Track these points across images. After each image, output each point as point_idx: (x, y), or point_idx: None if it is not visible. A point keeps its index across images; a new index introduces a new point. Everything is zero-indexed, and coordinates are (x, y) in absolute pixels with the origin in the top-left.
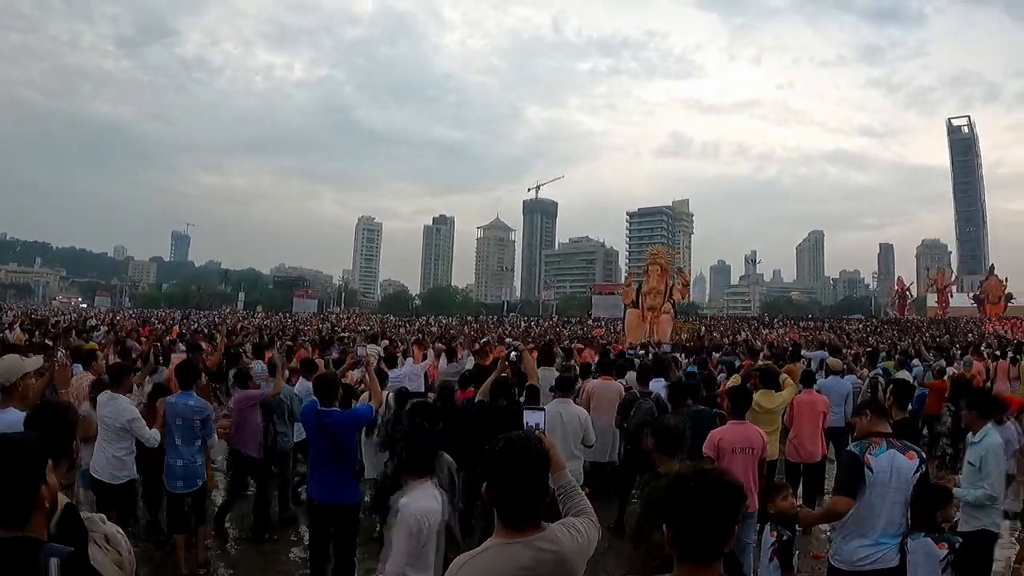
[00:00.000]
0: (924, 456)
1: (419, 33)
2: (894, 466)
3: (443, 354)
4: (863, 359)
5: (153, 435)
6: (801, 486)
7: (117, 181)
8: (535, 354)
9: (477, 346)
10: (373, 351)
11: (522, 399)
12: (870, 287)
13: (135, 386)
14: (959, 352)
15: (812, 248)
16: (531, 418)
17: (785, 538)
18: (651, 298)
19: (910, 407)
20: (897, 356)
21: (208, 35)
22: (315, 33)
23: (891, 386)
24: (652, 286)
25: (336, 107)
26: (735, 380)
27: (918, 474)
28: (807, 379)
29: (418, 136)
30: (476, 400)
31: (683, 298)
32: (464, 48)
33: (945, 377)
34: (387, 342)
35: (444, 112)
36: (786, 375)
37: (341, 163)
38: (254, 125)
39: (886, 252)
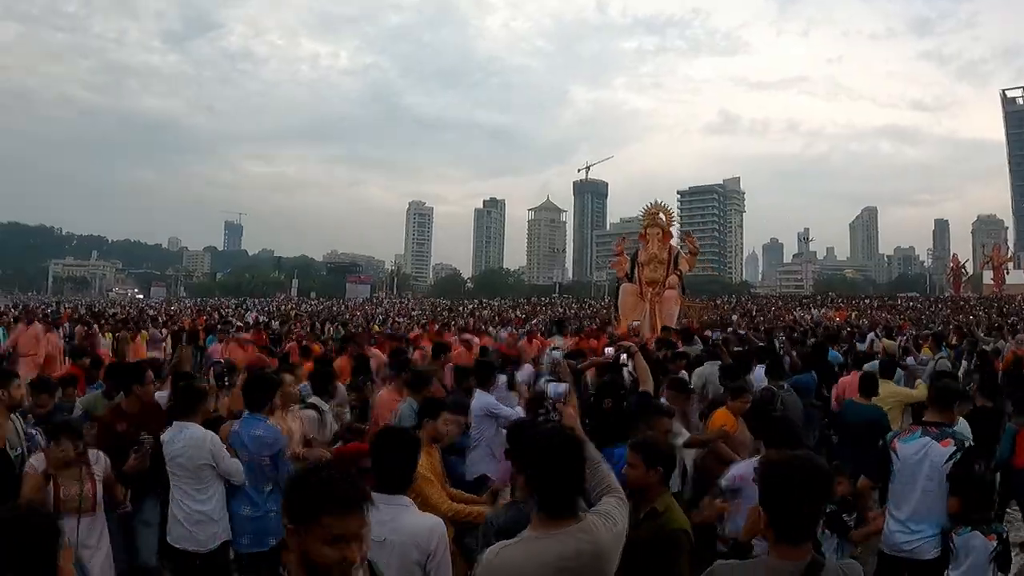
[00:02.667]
0: (965, 444)
1: (461, 17)
2: (926, 453)
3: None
4: (927, 340)
5: (236, 467)
6: None
7: (168, 174)
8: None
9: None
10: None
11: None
12: (925, 264)
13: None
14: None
15: (865, 225)
16: (554, 389)
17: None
18: (650, 269)
19: None
20: (967, 340)
21: (252, 27)
22: (359, 21)
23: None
24: (652, 254)
25: (382, 94)
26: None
27: (951, 462)
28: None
29: (464, 120)
30: None
31: (691, 268)
32: (507, 31)
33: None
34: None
35: (489, 96)
36: None
37: (389, 149)
38: (301, 114)
39: (941, 228)
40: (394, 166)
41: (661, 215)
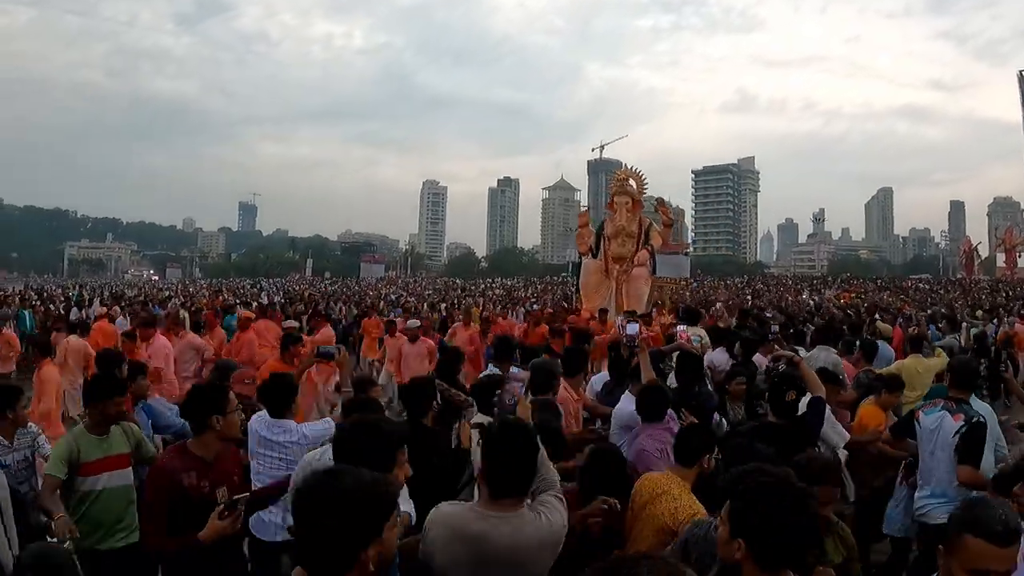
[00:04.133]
0: (976, 421)
1: None
2: (941, 425)
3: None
4: (941, 323)
5: None
6: None
7: (183, 155)
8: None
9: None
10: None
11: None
12: (940, 246)
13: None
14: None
15: (880, 205)
16: (515, 374)
17: None
18: (618, 244)
19: None
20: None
21: (265, 8)
22: (372, 0)
23: None
24: (620, 226)
25: (395, 73)
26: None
27: (957, 435)
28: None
29: (479, 99)
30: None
31: (665, 243)
32: (521, 9)
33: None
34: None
35: (504, 74)
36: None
37: (403, 128)
38: (315, 94)
39: (956, 210)
40: (408, 145)
41: (631, 181)
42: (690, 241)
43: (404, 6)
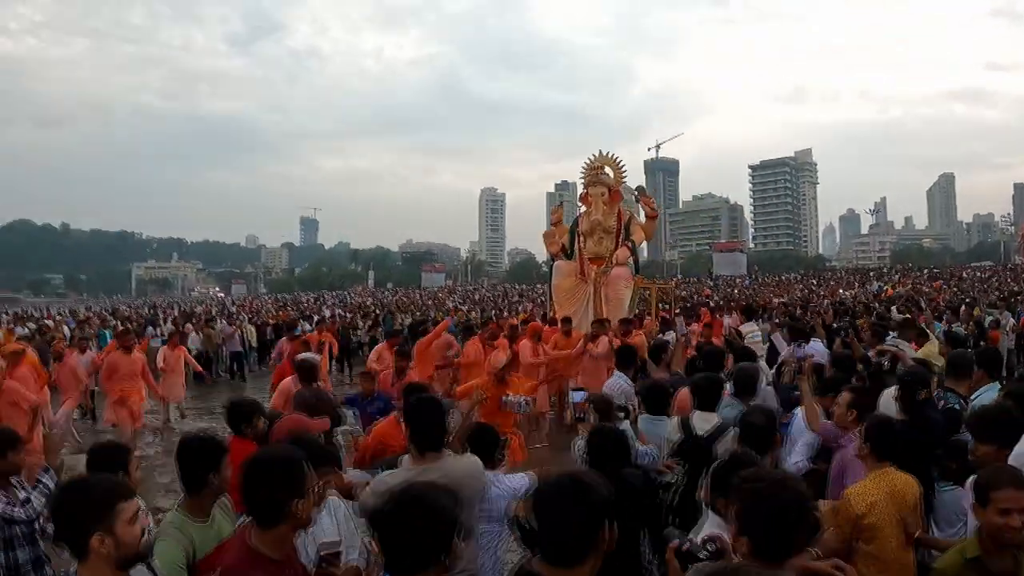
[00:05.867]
0: (947, 407)
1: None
2: None
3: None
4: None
5: None
6: None
7: (243, 173)
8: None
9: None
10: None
11: None
12: (1006, 231)
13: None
14: None
15: (942, 192)
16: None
17: None
18: (594, 241)
19: None
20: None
21: (315, 25)
22: (420, 10)
23: None
24: (596, 221)
25: (448, 82)
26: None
27: None
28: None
29: (532, 103)
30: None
31: (649, 238)
32: (571, 11)
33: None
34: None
35: (556, 77)
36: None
37: (458, 136)
38: (370, 106)
39: (1020, 192)
40: (465, 153)
41: (608, 169)
42: (750, 237)
43: (452, 14)
